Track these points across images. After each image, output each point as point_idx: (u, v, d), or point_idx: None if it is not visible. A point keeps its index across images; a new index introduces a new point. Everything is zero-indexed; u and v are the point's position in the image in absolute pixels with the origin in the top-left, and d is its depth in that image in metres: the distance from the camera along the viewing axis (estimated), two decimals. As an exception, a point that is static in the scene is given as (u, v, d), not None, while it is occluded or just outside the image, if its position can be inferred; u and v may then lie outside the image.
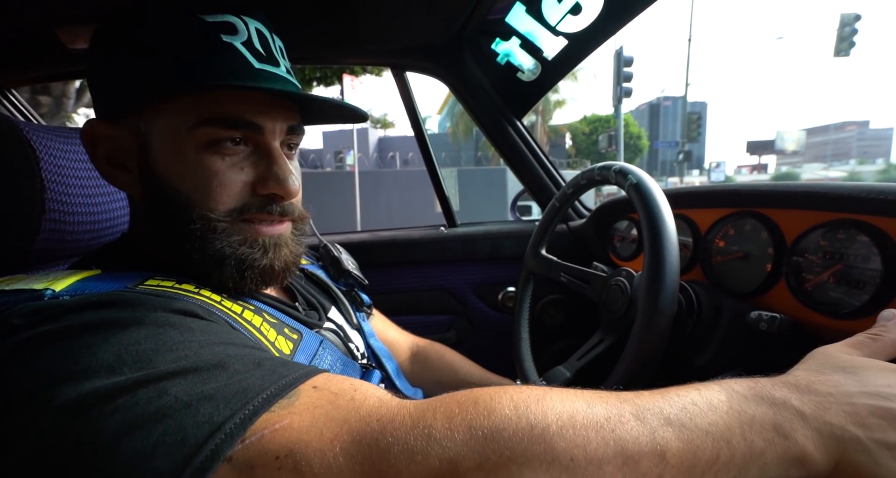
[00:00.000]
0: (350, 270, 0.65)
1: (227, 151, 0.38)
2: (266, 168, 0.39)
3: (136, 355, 0.26)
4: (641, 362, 0.46)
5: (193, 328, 0.30)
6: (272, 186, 0.39)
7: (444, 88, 1.03)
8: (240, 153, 0.38)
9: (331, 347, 0.43)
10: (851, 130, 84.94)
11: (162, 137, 0.37)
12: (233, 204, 0.38)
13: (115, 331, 0.28)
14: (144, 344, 0.27)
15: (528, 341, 0.71)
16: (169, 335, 0.28)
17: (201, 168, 0.37)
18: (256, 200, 0.39)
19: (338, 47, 0.93)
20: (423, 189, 5.52)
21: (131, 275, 0.35)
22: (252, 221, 0.40)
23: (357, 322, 0.60)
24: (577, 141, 25.70)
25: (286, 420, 0.25)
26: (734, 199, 0.66)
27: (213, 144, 0.37)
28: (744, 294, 0.60)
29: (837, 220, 0.49)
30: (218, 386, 0.26)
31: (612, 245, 0.93)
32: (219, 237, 0.38)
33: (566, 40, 0.85)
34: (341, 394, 0.28)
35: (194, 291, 0.36)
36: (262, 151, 0.39)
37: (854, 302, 0.47)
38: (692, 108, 52.33)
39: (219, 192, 0.37)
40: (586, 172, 0.67)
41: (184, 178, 0.37)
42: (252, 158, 0.39)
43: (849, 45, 9.95)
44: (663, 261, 0.46)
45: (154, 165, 0.38)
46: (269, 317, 0.39)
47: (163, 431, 0.23)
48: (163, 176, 0.37)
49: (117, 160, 0.39)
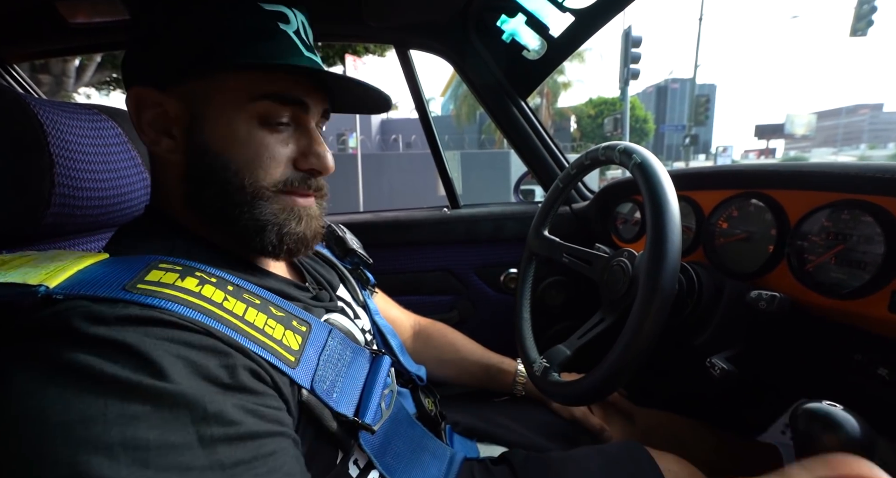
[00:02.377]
0: (355, 249, 0.66)
1: (277, 127, 0.41)
2: (307, 145, 0.43)
3: (134, 444, 0.25)
4: (640, 339, 0.47)
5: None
6: (313, 162, 0.43)
7: (448, 71, 1.02)
8: (286, 130, 0.42)
9: (340, 337, 0.43)
10: (864, 113, 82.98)
11: (217, 108, 0.39)
12: (278, 176, 0.41)
13: (89, 396, 0.26)
14: (144, 431, 0.26)
15: (529, 321, 0.72)
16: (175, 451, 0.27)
17: (254, 140, 0.40)
18: (298, 175, 0.43)
19: (341, 25, 0.92)
20: (427, 172, 5.46)
21: (135, 265, 0.35)
22: (291, 194, 0.43)
23: (363, 300, 0.61)
24: (582, 124, 25.31)
25: None
26: (739, 180, 0.65)
27: (266, 119, 0.40)
28: (745, 275, 0.61)
29: (842, 200, 0.49)
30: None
31: (614, 227, 0.93)
32: (265, 205, 0.41)
33: (573, 17, 0.83)
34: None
35: (194, 291, 0.34)
36: (304, 129, 0.43)
37: (854, 283, 0.47)
38: (700, 91, 51.15)
39: (269, 164, 0.40)
40: (590, 151, 0.66)
41: (236, 148, 0.39)
42: (295, 135, 0.42)
43: (866, 23, 9.61)
44: (666, 239, 0.46)
45: (203, 133, 0.39)
46: (276, 311, 0.39)
47: None
48: (213, 145, 0.39)
49: (162, 126, 0.40)
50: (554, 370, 0.57)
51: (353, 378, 0.43)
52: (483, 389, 0.76)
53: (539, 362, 0.59)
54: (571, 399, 0.52)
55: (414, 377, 0.62)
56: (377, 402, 0.43)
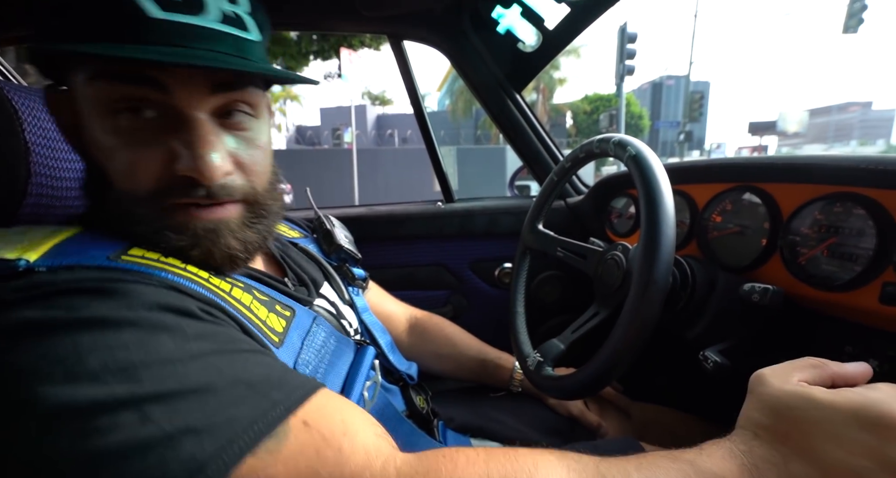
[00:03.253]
0: (342, 245, 0.63)
1: (129, 118, 0.32)
2: (180, 143, 0.32)
3: (122, 365, 0.25)
4: (634, 332, 0.46)
5: (187, 333, 0.28)
6: (182, 166, 0.32)
7: (444, 66, 1.01)
8: (151, 126, 0.32)
9: (324, 323, 0.43)
10: (854, 111, 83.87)
11: (73, 100, 0.33)
12: (151, 185, 0.33)
13: (106, 331, 0.26)
14: (133, 352, 0.26)
15: (523, 315, 0.72)
16: (160, 343, 0.27)
17: (106, 136, 0.32)
18: (178, 182, 0.33)
19: (334, 14, 0.90)
20: (422, 167, 5.45)
21: (112, 242, 0.33)
22: (186, 205, 0.34)
23: (349, 298, 0.59)
24: (578, 120, 25.33)
25: (270, 470, 0.25)
26: (732, 173, 0.65)
27: (113, 107, 0.31)
28: (739, 269, 0.61)
29: (835, 193, 0.49)
30: (204, 415, 0.25)
31: (609, 222, 0.93)
32: (142, 222, 0.33)
33: (568, 8, 0.82)
34: (331, 439, 0.27)
35: (181, 267, 0.34)
36: (175, 119, 0.32)
37: (845, 275, 0.47)
38: (695, 88, 51.33)
39: (132, 169, 0.32)
40: (585, 144, 0.66)
41: (97, 149, 0.33)
42: (164, 128, 0.32)
43: (858, 21, 9.68)
44: (659, 231, 0.46)
45: (83, 135, 0.34)
46: (260, 294, 0.38)
47: (143, 465, 0.23)
48: (89, 147, 0.34)
49: (70, 128, 0.36)
50: (548, 365, 0.57)
51: (336, 366, 0.42)
52: (479, 384, 0.76)
53: (533, 357, 0.59)
54: (565, 393, 0.52)
55: (404, 376, 0.61)
56: (360, 391, 0.43)
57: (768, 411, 0.28)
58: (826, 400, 0.26)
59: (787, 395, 0.28)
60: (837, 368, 0.29)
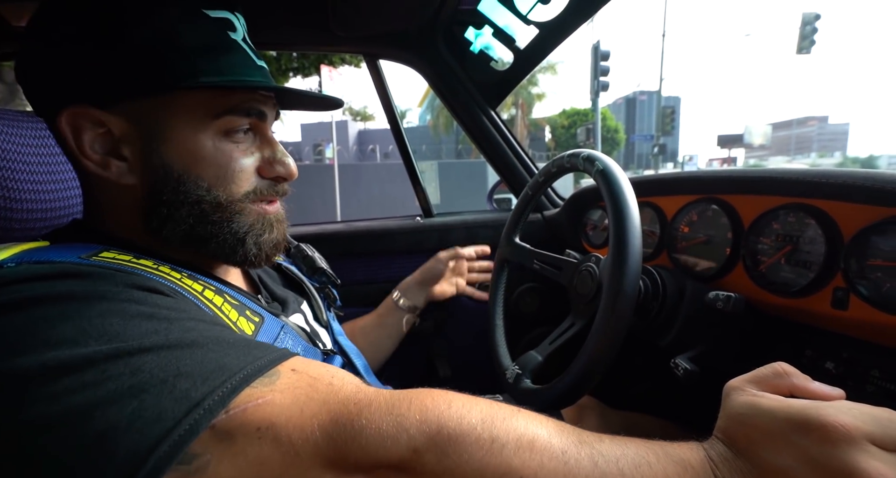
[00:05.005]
0: (324, 268, 0.66)
1: (239, 139, 0.41)
2: (271, 154, 0.43)
3: (101, 329, 0.26)
4: (607, 341, 0.47)
5: (160, 304, 0.30)
6: (279, 170, 0.43)
7: (425, 81, 1.02)
8: (247, 141, 0.42)
9: (292, 333, 0.43)
10: (812, 125, 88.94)
11: (177, 127, 0.38)
12: (247, 187, 0.41)
13: (74, 303, 0.27)
14: (109, 318, 0.26)
15: (502, 328, 0.72)
16: (135, 309, 0.28)
17: (221, 155, 0.39)
18: (265, 183, 0.43)
19: (309, 33, 0.91)
20: (405, 183, 5.55)
21: (84, 246, 0.34)
22: (260, 202, 0.43)
23: (326, 320, 0.59)
24: (557, 134, 25.98)
25: (268, 396, 0.26)
26: (697, 185, 0.68)
27: (229, 132, 0.40)
28: (706, 277, 0.63)
29: (788, 204, 0.52)
30: (193, 363, 0.26)
31: (584, 233, 0.95)
32: (241, 217, 0.41)
33: (537, 29, 0.86)
34: (320, 378, 0.29)
35: (153, 267, 0.35)
36: (263, 137, 0.43)
37: (801, 281, 0.49)
38: (666, 103, 53.49)
39: (239, 176, 0.41)
40: (556, 159, 0.68)
41: (204, 165, 0.39)
42: (256, 144, 0.43)
43: (810, 43, 10.39)
44: (626, 243, 0.47)
45: (161, 152, 0.38)
46: (231, 298, 0.39)
47: (138, 406, 0.23)
48: (176, 164, 0.38)
49: (108, 148, 0.38)
50: (526, 377, 0.57)
51: None
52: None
53: (512, 369, 0.59)
54: (543, 405, 0.53)
55: None
56: None
57: (725, 417, 0.31)
58: (768, 407, 0.28)
59: (740, 404, 0.30)
60: (801, 381, 0.31)
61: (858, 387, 0.44)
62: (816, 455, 0.25)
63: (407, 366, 1.02)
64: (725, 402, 0.31)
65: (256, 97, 0.41)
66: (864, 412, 0.26)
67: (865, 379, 0.44)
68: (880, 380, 0.42)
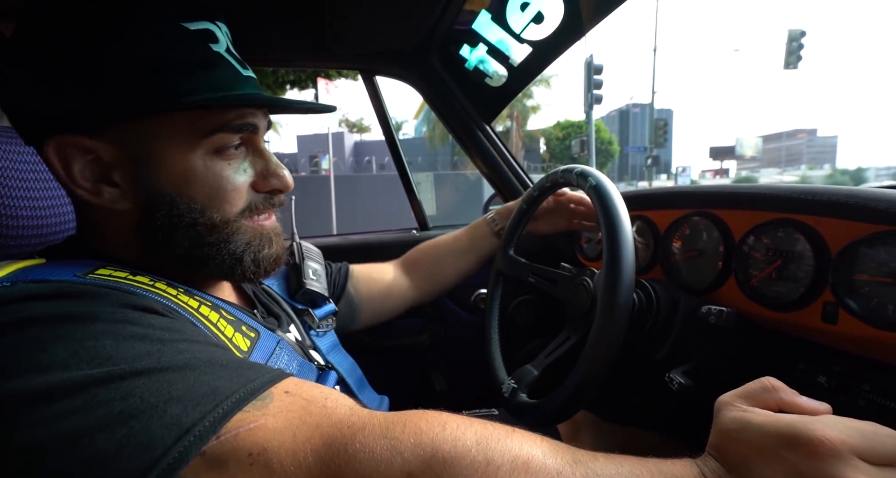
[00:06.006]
0: (306, 287, 0.61)
1: (231, 155, 0.39)
2: (264, 167, 0.42)
3: (93, 352, 0.25)
4: (601, 355, 0.48)
5: (154, 325, 0.29)
6: (274, 183, 0.42)
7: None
8: (239, 156, 0.41)
9: (287, 348, 0.43)
10: (802, 137, 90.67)
11: (165, 149, 0.37)
12: (241, 205, 0.41)
13: (67, 325, 0.27)
14: (102, 340, 0.26)
15: (497, 342, 0.72)
16: (128, 331, 0.28)
17: (213, 175, 0.38)
18: (259, 197, 0.42)
19: (305, 50, 0.93)
20: (401, 194, 5.60)
21: (80, 263, 0.34)
22: (256, 216, 0.42)
23: (311, 342, 0.57)
24: (551, 146, 26.26)
25: (261, 421, 0.26)
26: (689, 200, 0.69)
27: (220, 150, 0.39)
28: (699, 291, 0.63)
29: (777, 219, 0.53)
30: (185, 387, 0.25)
31: (579, 246, 0.96)
32: (238, 237, 0.40)
33: (531, 47, 0.88)
34: (313, 401, 0.29)
35: (149, 284, 0.35)
36: (256, 150, 0.42)
37: (792, 295, 0.50)
38: (659, 115, 54.41)
39: (232, 195, 0.40)
40: (551, 174, 0.69)
41: (196, 186, 0.38)
42: (248, 158, 0.42)
43: (796, 58, 10.69)
44: (620, 257, 0.48)
45: (151, 176, 0.37)
46: (227, 314, 0.39)
47: (127, 432, 0.23)
48: (168, 186, 0.37)
49: (98, 175, 0.37)
50: (522, 391, 0.57)
51: None
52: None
53: (508, 384, 0.59)
54: (538, 420, 0.52)
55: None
56: None
57: (717, 433, 0.31)
58: (757, 422, 0.28)
59: (730, 420, 0.30)
60: (789, 396, 0.31)
61: (850, 401, 0.44)
62: (805, 470, 0.25)
63: (403, 379, 1.01)
64: (717, 417, 0.31)
65: (245, 112, 0.39)
66: (850, 427, 0.26)
67: (857, 393, 0.44)
68: (871, 394, 0.43)
